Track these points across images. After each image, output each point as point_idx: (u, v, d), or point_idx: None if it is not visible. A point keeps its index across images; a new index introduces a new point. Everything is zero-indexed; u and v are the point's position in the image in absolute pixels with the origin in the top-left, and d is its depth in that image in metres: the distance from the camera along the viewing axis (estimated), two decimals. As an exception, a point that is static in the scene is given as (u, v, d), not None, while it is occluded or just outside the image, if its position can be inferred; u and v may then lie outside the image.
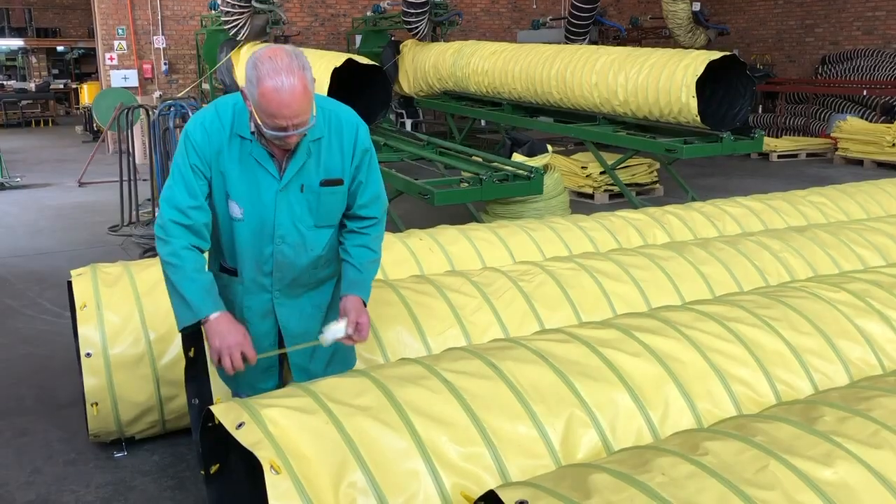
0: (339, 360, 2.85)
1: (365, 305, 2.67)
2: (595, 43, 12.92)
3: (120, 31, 14.33)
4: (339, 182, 2.58)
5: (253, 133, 2.46)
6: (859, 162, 12.82)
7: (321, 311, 2.79)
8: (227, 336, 2.43)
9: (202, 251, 2.54)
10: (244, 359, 2.47)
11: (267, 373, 2.79)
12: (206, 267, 2.59)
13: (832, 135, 13.56)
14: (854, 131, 12.94)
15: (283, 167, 2.51)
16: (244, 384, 2.77)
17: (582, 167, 10.05)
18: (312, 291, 2.75)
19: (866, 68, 15.14)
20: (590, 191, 10.03)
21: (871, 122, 13.65)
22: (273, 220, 2.54)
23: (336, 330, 2.57)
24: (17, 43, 25.48)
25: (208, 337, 2.47)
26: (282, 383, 2.85)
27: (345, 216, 2.70)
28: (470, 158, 7.73)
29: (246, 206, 2.52)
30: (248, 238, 2.57)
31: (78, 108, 20.61)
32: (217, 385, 3.04)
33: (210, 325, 2.46)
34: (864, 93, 14.22)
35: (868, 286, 3.33)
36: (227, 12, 11.40)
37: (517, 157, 7.61)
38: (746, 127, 8.36)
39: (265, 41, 12.08)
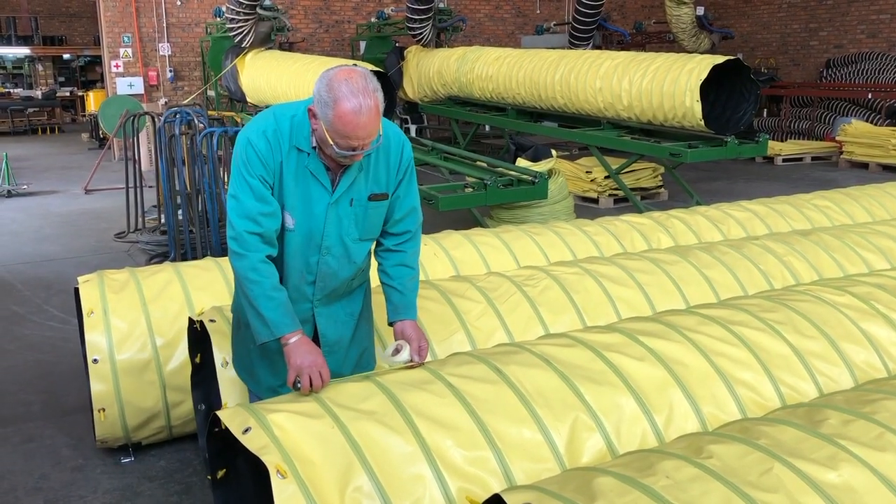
0: (364, 363, 2.91)
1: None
2: (599, 48, 12.94)
3: (125, 38, 14.40)
4: (385, 196, 2.64)
5: (314, 147, 2.48)
6: (864, 165, 12.81)
7: (353, 318, 2.84)
8: (307, 356, 2.46)
9: (271, 259, 2.55)
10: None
11: None
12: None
13: (837, 138, 13.56)
14: (859, 134, 12.93)
15: (336, 181, 2.54)
16: (266, 388, 2.79)
17: (586, 172, 10.05)
18: (344, 300, 2.80)
19: (871, 71, 15.13)
20: (594, 195, 10.04)
21: (875, 125, 13.64)
22: (322, 232, 2.58)
23: (401, 358, 2.64)
24: (23, 51, 25.60)
25: (288, 356, 2.49)
26: None
27: (381, 234, 2.75)
28: (474, 163, 7.75)
29: (298, 217, 2.55)
30: (297, 248, 2.60)
31: (84, 116, 20.69)
32: (224, 390, 3.06)
33: (291, 346, 2.49)
34: (869, 96, 14.21)
35: (873, 289, 3.33)
36: (232, 19, 11.45)
37: (521, 162, 7.62)
38: (751, 131, 8.38)
39: (270, 48, 12.13)
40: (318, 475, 2.12)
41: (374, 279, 2.89)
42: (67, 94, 23.62)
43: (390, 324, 2.78)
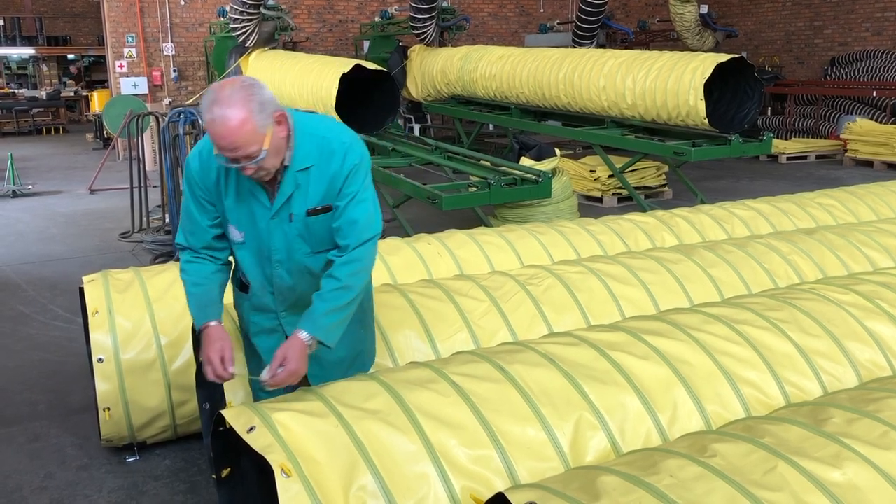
0: (358, 367, 2.86)
1: (311, 344, 2.47)
2: (602, 46, 12.92)
3: (130, 38, 14.42)
4: (327, 209, 2.54)
5: None
6: (869, 163, 12.77)
7: None
8: (206, 347, 2.56)
9: (217, 260, 2.68)
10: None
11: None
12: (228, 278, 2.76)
13: (841, 136, 13.52)
14: (863, 132, 12.90)
15: (273, 195, 2.53)
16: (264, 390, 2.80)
17: (590, 170, 10.05)
18: None
19: (876, 69, 15.08)
20: (598, 194, 10.03)
21: (880, 123, 13.60)
22: (269, 246, 2.59)
23: (262, 376, 2.46)
24: (28, 51, 25.68)
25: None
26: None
27: None
28: (478, 163, 7.74)
29: (245, 230, 2.59)
30: (251, 261, 2.65)
31: (88, 116, 20.73)
32: (228, 389, 3.06)
33: (202, 337, 2.61)
34: (874, 94, 14.17)
35: (877, 287, 3.33)
36: (236, 19, 11.46)
37: (525, 161, 7.62)
38: (755, 129, 8.36)
39: (273, 47, 12.14)
40: (322, 474, 2.13)
41: (375, 280, 2.88)
42: (72, 94, 23.66)
43: None
